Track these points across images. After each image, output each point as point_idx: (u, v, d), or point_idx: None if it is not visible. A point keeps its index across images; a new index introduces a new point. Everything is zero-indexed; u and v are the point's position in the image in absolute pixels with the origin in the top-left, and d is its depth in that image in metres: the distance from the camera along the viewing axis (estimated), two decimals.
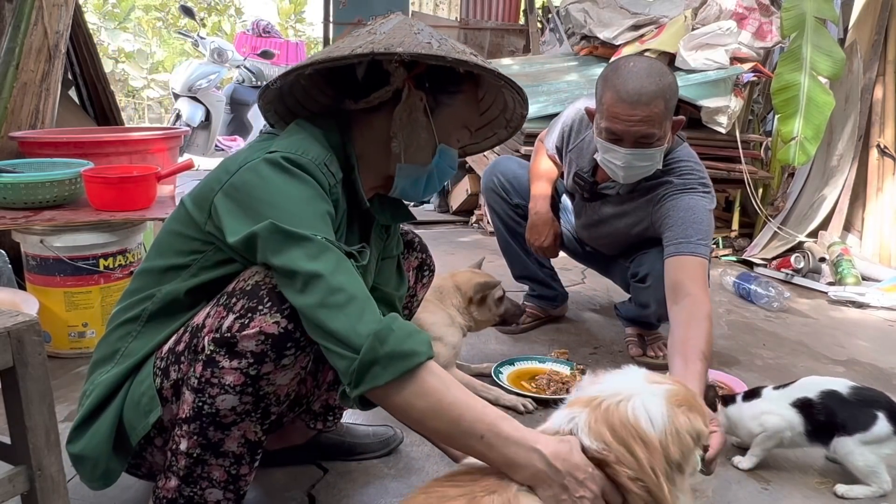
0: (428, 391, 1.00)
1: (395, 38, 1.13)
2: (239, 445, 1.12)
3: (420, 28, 1.18)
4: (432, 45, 1.12)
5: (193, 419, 1.09)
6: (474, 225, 4.57)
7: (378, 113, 1.22)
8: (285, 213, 1.06)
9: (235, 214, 1.09)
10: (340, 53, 1.11)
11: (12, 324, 0.87)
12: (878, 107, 3.75)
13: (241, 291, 1.08)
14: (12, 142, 2.51)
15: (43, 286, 2.11)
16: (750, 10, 3.98)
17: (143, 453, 1.20)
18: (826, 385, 1.58)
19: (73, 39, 3.15)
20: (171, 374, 1.13)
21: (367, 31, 1.19)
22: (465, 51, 1.16)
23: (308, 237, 1.04)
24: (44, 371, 0.90)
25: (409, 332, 1.02)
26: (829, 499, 1.53)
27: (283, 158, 1.10)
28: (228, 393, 1.06)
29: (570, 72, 4.35)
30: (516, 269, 2.63)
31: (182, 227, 1.19)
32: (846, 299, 3.11)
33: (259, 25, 8.90)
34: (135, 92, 11.68)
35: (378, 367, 0.98)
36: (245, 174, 1.11)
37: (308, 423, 1.52)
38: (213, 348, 1.06)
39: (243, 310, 1.05)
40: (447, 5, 8.30)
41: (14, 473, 0.89)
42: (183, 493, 1.14)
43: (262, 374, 1.06)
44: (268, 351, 1.05)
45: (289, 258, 1.03)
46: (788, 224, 3.78)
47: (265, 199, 1.07)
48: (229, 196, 1.11)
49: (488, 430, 0.98)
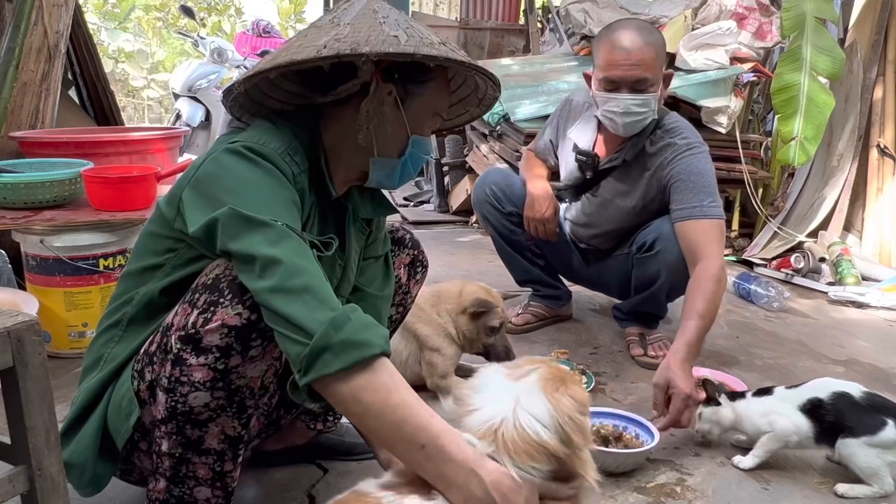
0: (376, 386, 0.96)
1: (360, 34, 1.11)
2: (219, 442, 1.12)
3: (385, 16, 1.15)
4: (399, 40, 1.10)
5: (169, 419, 1.09)
6: (474, 225, 4.56)
7: (347, 105, 1.20)
8: (245, 199, 1.05)
9: (197, 205, 1.09)
10: (306, 56, 1.09)
11: (12, 324, 0.87)
12: (878, 107, 3.74)
13: (203, 286, 1.07)
14: (12, 142, 2.51)
15: (43, 286, 2.11)
16: (750, 10, 3.97)
17: (132, 458, 1.19)
18: (838, 387, 1.58)
19: (73, 39, 3.15)
20: (146, 375, 1.12)
21: (330, 22, 1.17)
22: (432, 41, 1.14)
23: (268, 223, 1.03)
24: (44, 371, 0.90)
25: (366, 324, 1.00)
26: (829, 499, 1.53)
27: (244, 147, 1.10)
28: (199, 390, 1.06)
29: (570, 72, 4.35)
30: (518, 273, 2.63)
31: (156, 228, 1.20)
32: (846, 299, 3.11)
33: (259, 25, 8.88)
34: (135, 92, 11.67)
35: (329, 353, 0.95)
36: (207, 165, 1.12)
37: (308, 423, 1.52)
38: (179, 346, 1.05)
39: (206, 304, 1.05)
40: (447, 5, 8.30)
41: (14, 473, 0.89)
42: (172, 493, 1.14)
43: (231, 367, 1.05)
44: (233, 343, 1.04)
45: (247, 243, 1.02)
46: (788, 224, 3.78)
47: (226, 187, 1.07)
48: (193, 188, 1.11)
49: (431, 441, 0.94)
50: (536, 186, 2.39)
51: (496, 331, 1.95)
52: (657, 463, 1.66)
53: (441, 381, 1.93)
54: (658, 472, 1.62)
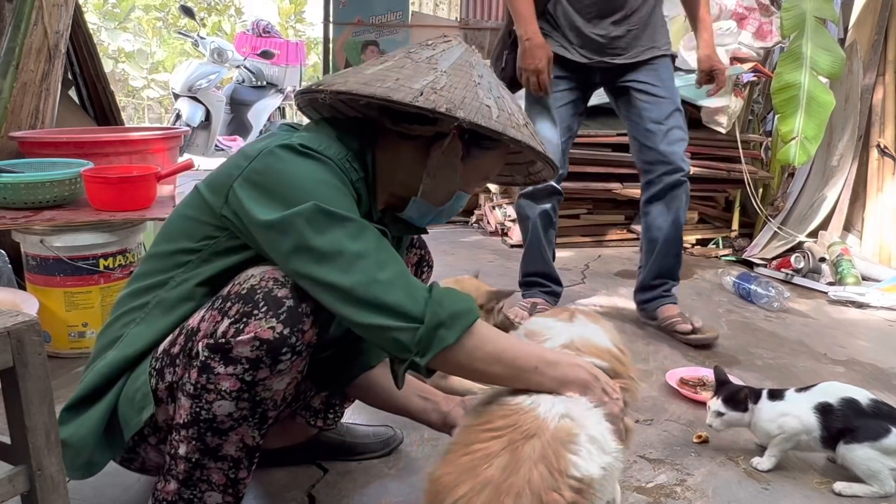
0: (486, 341, 1.08)
1: (456, 91, 1.11)
2: (237, 450, 1.12)
3: (480, 75, 1.16)
4: (492, 113, 1.11)
5: (191, 424, 1.09)
6: (474, 225, 4.57)
7: (410, 142, 1.19)
8: (318, 193, 1.06)
9: (260, 198, 1.08)
10: (402, 98, 1.08)
11: (12, 324, 0.87)
12: (878, 107, 3.74)
13: (236, 295, 1.07)
14: (12, 142, 2.51)
15: (43, 286, 2.11)
16: (750, 10, 3.97)
17: (137, 449, 1.20)
18: (847, 392, 1.58)
19: (73, 39, 3.14)
20: (165, 375, 1.13)
21: (427, 62, 1.15)
22: (518, 121, 1.16)
23: (348, 217, 1.05)
24: (44, 371, 0.90)
25: (457, 294, 1.09)
26: (829, 498, 1.53)
27: (302, 146, 1.10)
28: (225, 399, 1.06)
29: None
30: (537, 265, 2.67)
31: (195, 213, 1.18)
32: (846, 299, 3.11)
33: (259, 25, 8.89)
34: (135, 92, 11.68)
35: (443, 328, 1.03)
36: (266, 158, 1.10)
37: (308, 420, 1.52)
38: (207, 354, 1.05)
39: (238, 314, 1.04)
40: (447, 5, 8.31)
41: (14, 473, 0.89)
42: (182, 496, 1.14)
43: (258, 379, 1.05)
44: (263, 357, 1.04)
45: (332, 238, 1.03)
46: (788, 224, 3.78)
47: (291, 182, 1.07)
48: (251, 181, 1.10)
49: (539, 361, 1.08)
50: (529, 31, 2.27)
51: (500, 311, 2.12)
52: (657, 463, 1.66)
53: (441, 381, 1.93)
54: (658, 472, 1.62)
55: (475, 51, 1.23)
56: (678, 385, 2.05)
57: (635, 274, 2.70)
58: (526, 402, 1.03)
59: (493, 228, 4.28)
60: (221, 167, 1.18)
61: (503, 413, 1.02)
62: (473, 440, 0.99)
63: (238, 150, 1.21)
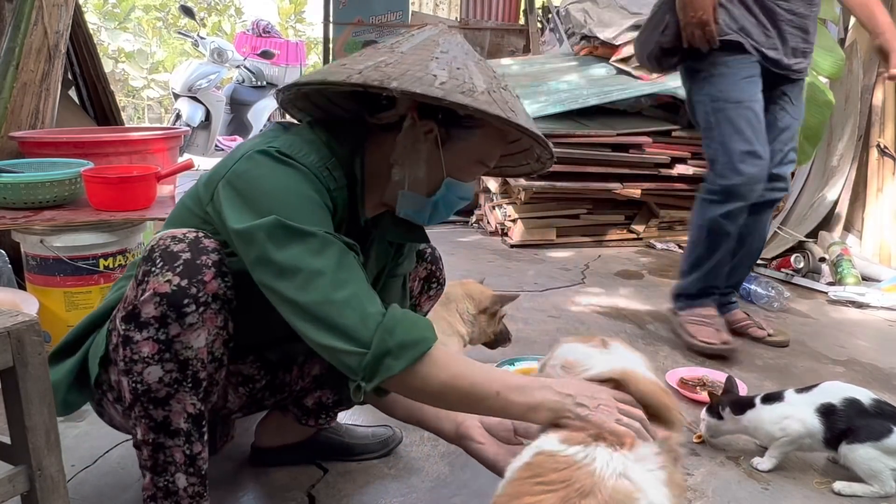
0: (441, 368, 1.04)
1: (402, 66, 1.07)
2: (185, 420, 1.13)
3: (444, 50, 1.11)
4: (436, 79, 1.04)
5: (134, 402, 1.11)
6: (474, 225, 4.57)
7: (390, 133, 1.17)
8: (285, 205, 1.05)
9: (235, 204, 1.09)
10: (336, 79, 1.08)
11: (12, 324, 0.87)
12: (878, 107, 3.74)
13: (142, 258, 1.10)
14: (12, 142, 2.51)
15: (43, 286, 2.11)
16: None
17: (102, 403, 1.24)
18: (849, 392, 1.58)
19: (73, 39, 3.15)
20: (112, 338, 1.14)
21: (389, 46, 1.14)
22: (474, 87, 1.05)
23: (310, 232, 1.04)
24: (44, 371, 0.90)
25: (413, 321, 1.05)
26: (829, 498, 1.53)
27: (279, 152, 1.10)
28: (151, 364, 1.07)
29: (570, 72, 4.35)
30: (717, 279, 2.45)
31: (190, 203, 1.21)
32: (846, 299, 3.11)
33: (259, 25, 8.90)
34: (135, 92, 11.68)
35: (390, 357, 1.00)
36: (245, 162, 1.11)
37: (299, 418, 1.52)
38: (124, 326, 1.08)
39: (141, 275, 1.07)
40: (447, 5, 8.30)
41: (14, 473, 0.89)
42: (157, 484, 1.16)
43: (172, 336, 1.06)
44: (167, 312, 1.05)
45: (292, 254, 1.02)
46: (788, 224, 3.78)
47: (265, 190, 1.07)
48: (230, 184, 1.11)
49: (502, 385, 1.04)
50: None
51: (502, 318, 2.11)
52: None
53: None
54: None
55: (454, 32, 1.18)
56: (678, 385, 2.05)
57: (635, 274, 2.70)
58: (580, 456, 0.95)
59: (493, 228, 4.28)
60: (220, 162, 1.20)
61: (556, 465, 0.96)
62: (524, 492, 0.93)
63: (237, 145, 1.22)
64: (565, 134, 3.81)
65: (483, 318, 2.03)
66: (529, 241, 3.96)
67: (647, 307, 2.91)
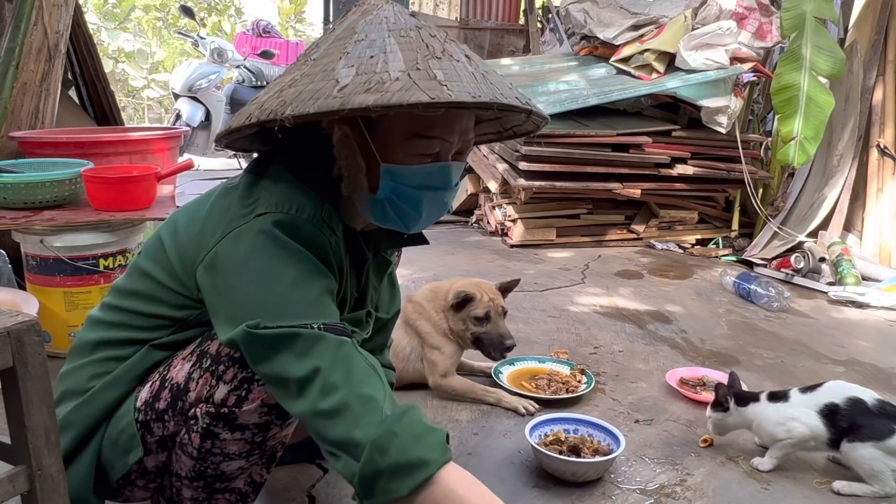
0: (446, 496, 0.91)
1: (303, 81, 0.97)
2: (245, 485, 1.13)
3: (360, 38, 0.99)
4: (337, 84, 0.93)
5: (197, 478, 1.09)
6: (474, 225, 4.57)
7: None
8: (268, 300, 0.95)
9: (216, 305, 1.00)
10: (236, 124, 0.99)
11: (12, 324, 0.87)
12: (878, 107, 3.75)
13: (229, 358, 1.02)
14: (12, 142, 2.51)
15: (43, 286, 2.11)
16: (750, 10, 3.98)
17: (123, 490, 1.16)
18: (853, 392, 1.58)
19: (73, 39, 3.14)
20: (154, 429, 1.08)
21: (305, 57, 1.04)
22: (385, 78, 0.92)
23: (293, 333, 0.93)
24: (44, 371, 0.90)
25: (416, 435, 0.91)
26: (829, 498, 1.53)
27: (276, 224, 0.97)
28: (234, 459, 1.06)
29: (570, 72, 4.34)
30: None
31: (167, 279, 1.08)
32: (846, 299, 3.11)
33: (259, 25, 8.89)
34: (135, 92, 11.68)
35: (383, 480, 0.90)
36: (229, 246, 0.99)
37: None
38: (209, 421, 1.03)
39: (237, 381, 1.01)
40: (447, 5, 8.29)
41: (14, 473, 0.89)
42: None
43: (269, 436, 1.06)
44: (273, 420, 1.04)
45: (275, 365, 0.94)
46: (788, 224, 3.78)
47: (250, 283, 0.97)
48: (210, 271, 1.00)
49: None
50: None
51: (483, 320, 1.91)
52: (657, 463, 1.66)
53: (442, 381, 1.93)
54: (658, 472, 1.62)
55: (383, 6, 1.04)
56: (678, 385, 2.05)
57: (635, 274, 2.70)
58: None
59: (493, 228, 4.28)
60: (189, 227, 1.06)
61: None
62: None
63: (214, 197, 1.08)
64: (565, 134, 3.81)
65: (450, 314, 1.93)
66: (529, 241, 3.96)
67: (647, 307, 2.91)
